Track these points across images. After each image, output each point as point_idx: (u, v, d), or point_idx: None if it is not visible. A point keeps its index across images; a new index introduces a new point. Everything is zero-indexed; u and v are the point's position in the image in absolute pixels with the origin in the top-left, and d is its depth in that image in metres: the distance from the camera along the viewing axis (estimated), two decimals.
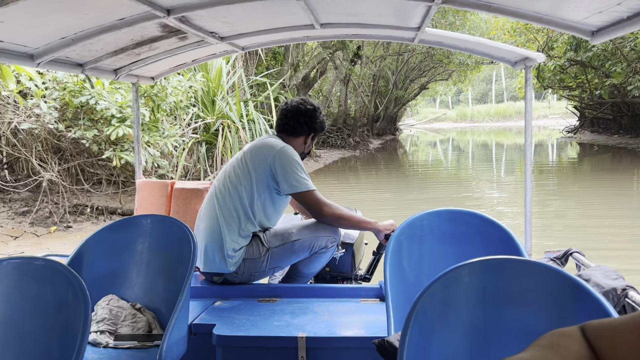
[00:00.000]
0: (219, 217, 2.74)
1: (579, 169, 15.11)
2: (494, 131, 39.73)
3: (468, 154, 22.63)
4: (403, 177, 14.58)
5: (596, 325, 0.86)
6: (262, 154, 2.79)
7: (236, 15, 2.73)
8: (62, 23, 2.33)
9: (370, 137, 27.51)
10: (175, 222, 2.43)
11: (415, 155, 23.19)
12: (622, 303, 1.81)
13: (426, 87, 32.76)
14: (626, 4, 1.94)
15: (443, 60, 24.11)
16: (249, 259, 2.76)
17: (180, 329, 2.11)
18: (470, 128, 45.76)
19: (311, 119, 2.98)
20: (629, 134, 23.53)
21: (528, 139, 3.16)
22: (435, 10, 2.49)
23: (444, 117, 56.03)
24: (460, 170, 16.13)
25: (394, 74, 28.57)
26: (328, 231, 2.84)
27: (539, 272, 1.54)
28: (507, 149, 24.86)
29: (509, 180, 13.65)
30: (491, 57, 3.45)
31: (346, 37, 3.51)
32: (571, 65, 20.47)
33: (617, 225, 7.41)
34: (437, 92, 45.68)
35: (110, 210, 7.98)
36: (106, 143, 7.17)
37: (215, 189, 2.89)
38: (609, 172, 13.70)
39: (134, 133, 3.94)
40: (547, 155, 20.05)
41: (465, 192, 11.10)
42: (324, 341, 2.21)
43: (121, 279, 2.44)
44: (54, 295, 1.76)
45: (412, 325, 1.45)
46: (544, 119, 49.09)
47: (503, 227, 2.30)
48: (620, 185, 11.28)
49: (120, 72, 3.34)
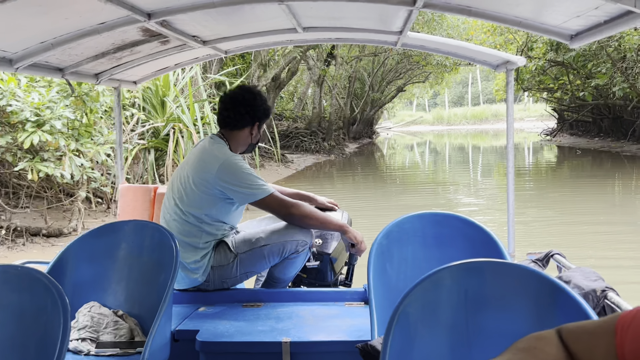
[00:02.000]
0: (174, 233, 2.58)
1: (565, 174, 15.00)
2: (471, 134, 39.79)
3: (445, 157, 22.57)
4: (380, 182, 14.27)
5: (572, 329, 0.87)
6: (204, 170, 2.63)
7: (218, 19, 2.72)
8: (42, 27, 2.30)
9: (347, 140, 26.83)
10: (157, 228, 2.41)
11: (393, 158, 22.92)
12: (601, 304, 1.83)
13: (403, 90, 32.54)
14: (603, 8, 1.97)
15: (420, 61, 23.88)
16: (217, 266, 2.69)
17: (162, 335, 2.09)
18: (447, 131, 45.79)
19: (252, 107, 2.77)
20: (610, 137, 23.40)
21: (510, 141, 3.19)
22: (417, 14, 2.51)
23: (421, 120, 56.28)
24: (438, 174, 16.05)
25: (370, 76, 27.99)
26: (298, 234, 2.72)
27: (519, 274, 1.55)
28: (484, 151, 24.83)
29: (487, 184, 13.64)
30: (473, 61, 3.48)
31: (329, 41, 3.53)
32: (551, 67, 20.40)
33: (612, 231, 7.46)
34: (413, 95, 45.84)
35: (32, 232, 6.71)
36: (23, 152, 6.09)
37: (164, 205, 2.77)
38: (602, 178, 13.38)
39: (115, 138, 3.90)
40: (526, 159, 20.05)
41: (442, 199, 10.95)
42: (308, 345, 2.20)
43: (103, 285, 2.41)
44: (32, 303, 1.73)
45: (395, 329, 1.46)
46: (520, 121, 49.52)
47: (485, 229, 2.31)
48: (616, 192, 11.27)
49: (102, 76, 3.31)
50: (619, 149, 19.94)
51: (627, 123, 22.19)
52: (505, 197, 3.11)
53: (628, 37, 14.62)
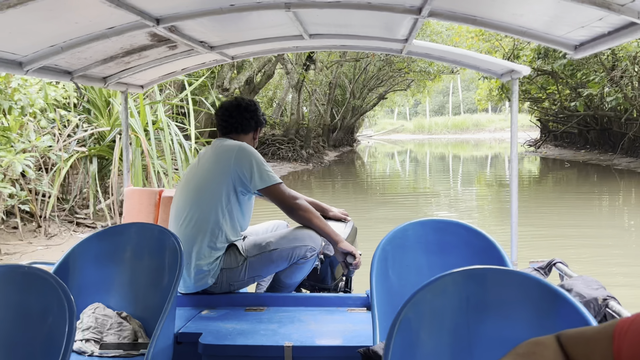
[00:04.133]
0: (187, 237, 2.67)
1: (560, 187, 14.22)
2: (452, 143, 39.11)
3: (426, 166, 22.03)
4: (361, 193, 13.70)
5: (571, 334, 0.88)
6: (222, 159, 2.76)
7: (225, 25, 2.76)
8: (52, 31, 2.34)
9: (326, 148, 25.63)
10: (162, 230, 2.43)
11: (374, 167, 22.21)
12: (603, 312, 1.84)
13: (384, 97, 31.97)
14: (607, 20, 1.99)
15: (403, 68, 23.35)
16: (227, 268, 2.73)
17: (166, 337, 2.11)
18: (428, 140, 45.08)
19: (254, 113, 2.96)
20: (597, 149, 22.25)
21: (514, 150, 3.21)
22: (422, 23, 2.53)
23: (402, 128, 55.96)
24: (419, 183, 15.70)
25: (351, 82, 27.18)
26: (307, 240, 2.77)
27: (521, 281, 1.56)
28: (464, 161, 24.35)
29: (467, 194, 13.38)
30: (478, 70, 3.50)
31: (334, 48, 3.56)
32: (538, 75, 19.68)
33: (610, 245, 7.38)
34: (395, 103, 45.49)
35: None
36: None
37: (177, 211, 2.82)
38: (598, 193, 12.73)
39: (123, 142, 3.93)
40: (519, 172, 19.78)
41: (426, 209, 10.64)
42: (310, 350, 2.21)
43: (107, 287, 2.43)
44: (38, 302, 1.75)
45: (396, 334, 1.47)
46: (501, 131, 49.19)
47: (488, 237, 2.32)
48: (623, 212, 10.61)
49: (110, 80, 3.35)
50: (608, 162, 18.83)
51: (615, 135, 21.22)
52: (488, 208, 3.12)
53: (624, 45, 14.12)
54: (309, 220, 2.80)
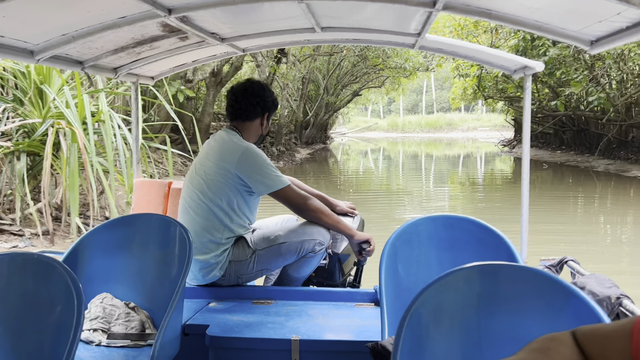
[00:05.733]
0: (193, 230, 2.65)
1: (546, 190, 13.33)
2: (425, 142, 38.88)
3: (399, 164, 21.79)
4: (334, 191, 12.94)
5: (587, 331, 0.86)
6: (226, 158, 2.70)
7: (237, 16, 2.74)
8: (64, 20, 2.33)
9: (299, 145, 25.02)
10: (171, 222, 2.43)
11: (347, 165, 21.82)
12: (616, 311, 1.82)
13: (359, 94, 31.47)
14: (625, 14, 1.95)
15: (378, 64, 22.74)
16: (235, 261, 2.72)
17: (173, 329, 2.11)
18: (402, 138, 44.86)
19: (262, 98, 2.86)
20: (573, 150, 21.91)
21: (526, 147, 3.18)
22: (436, 16, 2.50)
23: (376, 126, 55.92)
24: (392, 181, 15.59)
25: (325, 78, 26.17)
26: (316, 234, 2.76)
27: (533, 278, 1.54)
28: (437, 160, 24.06)
29: (440, 193, 13.27)
30: (491, 65, 3.46)
31: (347, 42, 3.53)
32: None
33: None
34: (369, 101, 45.23)
35: None
36: None
37: (184, 203, 2.81)
38: (587, 198, 11.87)
39: (133, 133, 3.94)
40: (481, 170, 19.07)
41: (397, 208, 10.45)
42: (318, 344, 2.20)
43: (116, 277, 2.43)
44: (47, 291, 1.75)
45: (406, 329, 1.45)
46: (474, 131, 49.12)
47: (499, 234, 2.30)
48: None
49: (120, 70, 3.34)
50: (586, 163, 18.42)
51: (592, 136, 20.86)
52: (461, 207, 3.10)
53: None
54: (320, 219, 2.79)
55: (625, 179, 14.64)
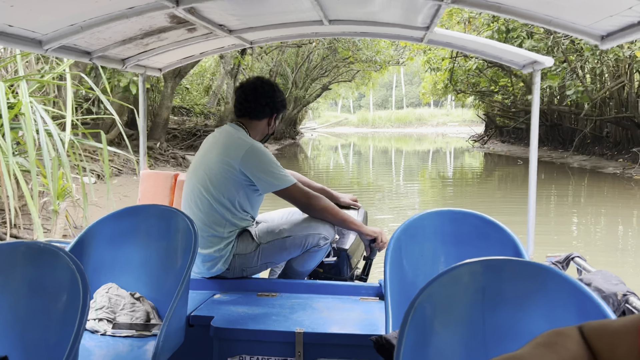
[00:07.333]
0: (197, 224, 2.60)
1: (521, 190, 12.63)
2: (395, 137, 38.56)
3: (369, 160, 21.49)
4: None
5: (595, 326, 0.85)
6: (229, 156, 2.67)
7: (245, 8, 2.73)
8: (72, 10, 2.33)
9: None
10: (177, 213, 2.43)
11: (317, 160, 21.48)
12: (622, 308, 1.81)
13: (328, 88, 30.72)
14: (637, 9, 1.92)
15: (348, 57, 22.16)
16: (240, 254, 2.71)
17: (178, 319, 2.11)
18: (372, 133, 44.51)
19: (272, 99, 2.84)
20: (546, 146, 21.39)
21: (533, 143, 3.15)
22: (445, 10, 2.48)
23: (346, 121, 55.55)
24: (362, 177, 15.44)
25: (293, 71, 25.40)
26: (321, 229, 2.75)
27: (538, 274, 1.53)
28: (407, 155, 23.84)
29: (410, 188, 13.21)
30: (500, 60, 3.43)
31: (354, 35, 3.51)
32: (488, 67, 18.59)
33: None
34: (339, 95, 44.72)
35: None
36: None
37: (187, 196, 2.80)
38: (575, 197, 11.68)
39: (139, 125, 3.94)
40: (450, 165, 18.85)
41: (369, 204, 10.08)
42: (322, 337, 2.20)
43: (121, 267, 2.44)
44: (53, 280, 1.76)
45: (410, 323, 1.45)
46: (444, 126, 48.80)
47: (505, 229, 2.29)
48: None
49: (128, 62, 3.34)
50: (562, 159, 18.11)
51: (565, 131, 20.51)
52: (432, 202, 3.09)
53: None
54: (326, 218, 2.79)
55: (602, 175, 14.41)
